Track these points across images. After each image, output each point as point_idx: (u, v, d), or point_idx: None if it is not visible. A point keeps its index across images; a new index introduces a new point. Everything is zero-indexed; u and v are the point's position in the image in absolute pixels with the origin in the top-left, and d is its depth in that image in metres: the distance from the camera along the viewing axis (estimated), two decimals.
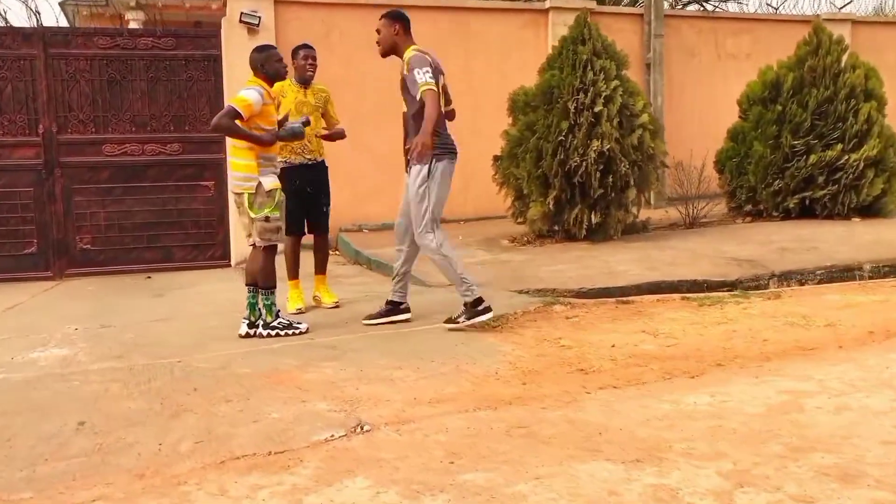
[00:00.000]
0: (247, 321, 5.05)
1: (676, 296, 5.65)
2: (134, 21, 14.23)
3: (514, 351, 4.32)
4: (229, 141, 5.26)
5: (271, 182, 5.03)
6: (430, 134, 4.71)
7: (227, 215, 9.32)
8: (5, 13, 8.74)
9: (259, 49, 5.35)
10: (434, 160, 4.86)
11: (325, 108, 5.98)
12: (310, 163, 5.89)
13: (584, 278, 6.51)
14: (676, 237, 8.23)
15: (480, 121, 9.32)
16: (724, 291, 6.05)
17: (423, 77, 4.71)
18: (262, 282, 5.04)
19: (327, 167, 6.10)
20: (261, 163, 5.01)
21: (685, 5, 13.59)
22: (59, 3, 14.96)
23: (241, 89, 5.19)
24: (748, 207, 9.08)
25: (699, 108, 11.09)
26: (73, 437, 3.25)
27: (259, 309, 5.03)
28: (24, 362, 4.56)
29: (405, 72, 4.89)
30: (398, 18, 5.08)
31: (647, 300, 5.59)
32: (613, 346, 4.34)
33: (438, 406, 3.42)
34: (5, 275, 8.65)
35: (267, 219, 4.97)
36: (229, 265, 9.25)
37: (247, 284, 5.15)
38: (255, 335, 4.98)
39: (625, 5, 13.14)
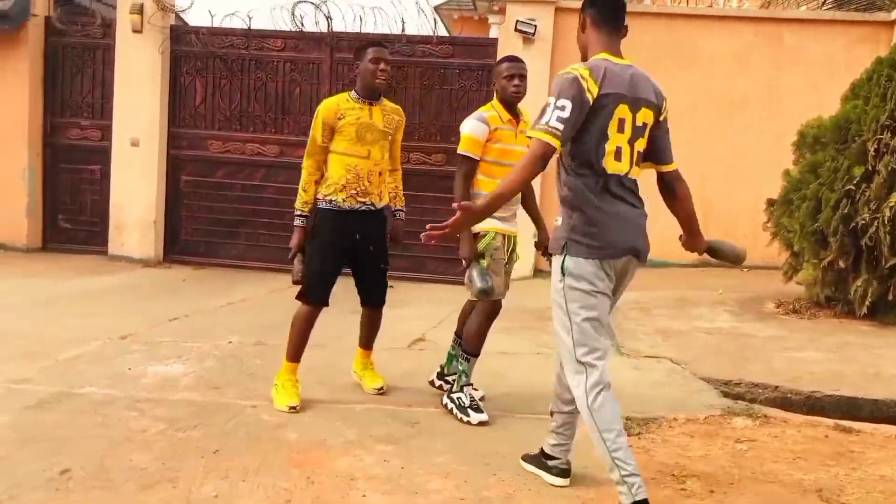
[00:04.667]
0: (439, 369, 4.47)
1: None
2: (495, 24, 14.38)
3: (605, 485, 3.24)
4: None
5: (479, 225, 3.86)
6: (475, 212, 2.82)
7: None
8: (302, 18, 9.22)
9: (499, 60, 4.29)
10: (563, 248, 2.95)
11: (395, 137, 4.35)
12: (363, 209, 4.16)
13: (830, 377, 4.96)
14: None
15: (784, 154, 7.71)
16: None
17: (554, 115, 2.79)
18: (466, 343, 4.13)
19: (385, 217, 4.42)
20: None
21: None
22: (434, 8, 15.78)
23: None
24: None
25: None
26: (38, 486, 3.00)
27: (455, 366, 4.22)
28: (132, 376, 4.53)
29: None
30: (588, 5, 3.05)
31: (883, 433, 3.99)
32: None
33: None
34: (273, 265, 9.11)
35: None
36: None
37: (455, 332, 4.39)
38: (438, 388, 4.39)
39: None
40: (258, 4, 9.45)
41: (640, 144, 2.99)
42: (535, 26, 8.62)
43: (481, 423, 3.92)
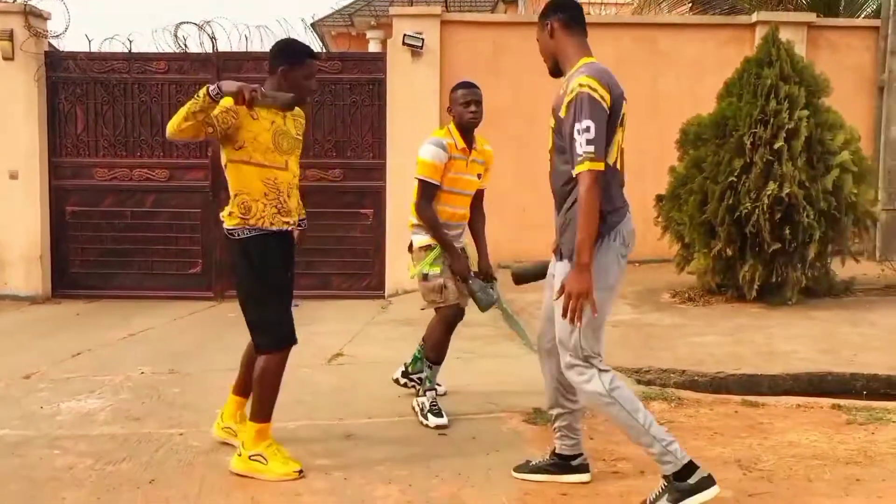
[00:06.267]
0: (402, 368, 4.62)
1: (826, 402, 4.30)
2: (373, 40, 14.35)
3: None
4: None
5: (421, 239, 4.18)
6: (586, 266, 2.86)
7: (384, 245, 9.00)
8: (185, 39, 9.05)
9: (453, 87, 4.24)
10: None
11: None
12: (288, 230, 3.57)
13: (730, 358, 5.29)
14: (883, 307, 6.58)
15: (666, 151, 8.12)
16: None
17: (583, 141, 2.83)
18: (427, 351, 4.21)
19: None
20: (417, 223, 4.18)
21: None
22: (311, 24, 15.77)
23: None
24: None
25: None
26: None
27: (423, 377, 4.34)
28: (46, 414, 4.35)
29: (561, 108, 2.97)
30: (553, 12, 3.09)
31: (784, 405, 4.31)
32: None
33: None
34: (170, 292, 8.92)
35: (425, 276, 4.12)
36: (383, 296, 8.92)
37: (423, 337, 4.34)
38: (402, 385, 4.59)
39: (865, 17, 11.10)
40: (139, 27, 9.20)
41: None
42: (423, 40, 8.74)
43: (439, 427, 3.98)
